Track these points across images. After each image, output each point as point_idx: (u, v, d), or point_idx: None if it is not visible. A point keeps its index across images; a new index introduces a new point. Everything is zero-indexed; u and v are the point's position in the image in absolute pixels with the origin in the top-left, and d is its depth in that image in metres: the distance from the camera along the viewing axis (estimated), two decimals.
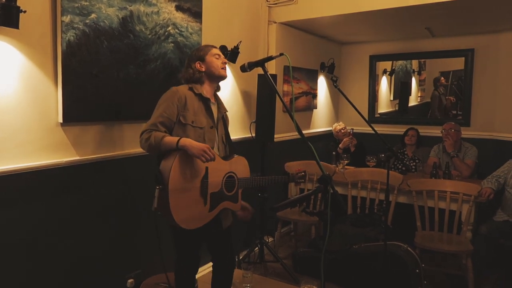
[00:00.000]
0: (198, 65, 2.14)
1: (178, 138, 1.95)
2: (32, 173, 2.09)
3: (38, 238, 2.16)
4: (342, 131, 4.73)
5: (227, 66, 2.22)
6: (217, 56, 2.15)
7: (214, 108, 2.20)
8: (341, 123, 4.85)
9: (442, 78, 5.00)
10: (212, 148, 2.09)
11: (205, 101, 2.14)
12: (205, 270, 3.15)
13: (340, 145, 4.61)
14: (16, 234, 2.06)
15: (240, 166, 2.22)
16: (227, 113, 2.32)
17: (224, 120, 2.28)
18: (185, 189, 1.99)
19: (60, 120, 2.20)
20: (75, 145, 2.31)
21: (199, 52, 2.16)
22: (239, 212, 2.29)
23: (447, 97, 4.98)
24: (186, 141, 1.93)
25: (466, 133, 4.39)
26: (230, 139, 2.30)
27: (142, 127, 2.03)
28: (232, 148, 2.29)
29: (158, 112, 2.03)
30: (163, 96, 2.09)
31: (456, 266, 3.34)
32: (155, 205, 1.92)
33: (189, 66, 2.16)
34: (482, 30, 4.49)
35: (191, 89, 2.11)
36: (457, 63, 4.81)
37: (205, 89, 2.15)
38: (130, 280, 2.61)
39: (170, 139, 1.95)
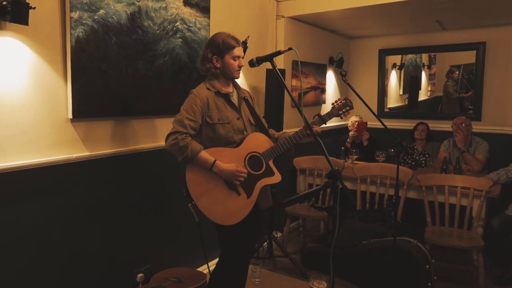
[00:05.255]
0: (215, 60, 2.12)
1: (213, 161, 1.99)
2: (42, 168, 2.11)
3: (48, 233, 2.18)
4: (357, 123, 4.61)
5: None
6: (235, 58, 2.12)
7: (234, 98, 2.20)
8: (359, 116, 4.64)
9: (456, 72, 4.92)
10: (243, 136, 2.12)
11: (224, 96, 2.14)
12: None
13: (348, 140, 4.58)
14: (27, 229, 2.09)
15: (256, 142, 2.15)
16: (249, 93, 2.32)
17: (247, 101, 2.26)
18: (210, 191, 2.01)
19: (70, 116, 2.21)
20: (85, 141, 2.33)
21: (221, 46, 2.10)
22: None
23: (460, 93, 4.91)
24: (218, 168, 2.00)
25: (477, 127, 4.34)
26: (258, 117, 2.26)
27: (169, 129, 2.02)
28: (262, 126, 2.25)
29: (184, 115, 2.02)
30: (186, 101, 2.09)
31: (466, 262, 3.31)
32: (197, 219, 2.03)
33: (207, 57, 2.13)
34: (494, 22, 4.41)
35: (208, 88, 2.12)
36: (468, 57, 4.75)
37: (222, 84, 2.16)
38: (139, 275, 2.63)
39: (205, 158, 1.99)
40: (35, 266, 2.13)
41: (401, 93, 5.45)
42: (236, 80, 2.25)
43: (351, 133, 4.53)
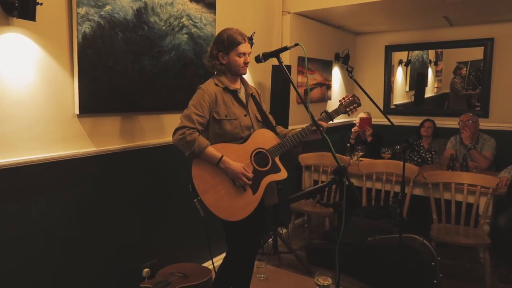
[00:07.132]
0: (221, 57, 2.12)
1: (220, 157, 1.99)
2: (49, 164, 2.12)
3: (54, 228, 2.20)
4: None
5: None
6: (241, 55, 2.10)
7: (242, 95, 2.20)
8: (367, 112, 4.57)
9: (464, 69, 4.88)
10: (250, 132, 2.12)
11: (232, 92, 2.15)
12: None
13: (351, 136, 4.56)
14: (33, 224, 2.10)
15: (263, 138, 2.16)
16: (256, 90, 2.33)
17: (254, 98, 2.26)
18: (216, 186, 2.01)
19: (77, 111, 2.22)
20: (92, 136, 2.34)
21: (226, 43, 2.09)
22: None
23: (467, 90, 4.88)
24: (225, 164, 2.00)
25: (484, 124, 4.31)
26: (265, 114, 2.27)
27: (177, 123, 2.03)
28: (269, 123, 2.26)
29: (192, 110, 2.03)
30: (194, 96, 2.09)
31: (473, 259, 3.29)
32: (203, 214, 2.02)
33: (213, 54, 2.14)
34: (502, 18, 4.37)
35: (217, 84, 2.12)
36: (476, 53, 4.70)
37: (229, 80, 2.16)
38: (145, 270, 2.65)
39: (212, 153, 1.99)
40: (42, 260, 2.15)
41: (407, 89, 5.42)
42: (243, 76, 2.25)
43: (353, 129, 4.51)
